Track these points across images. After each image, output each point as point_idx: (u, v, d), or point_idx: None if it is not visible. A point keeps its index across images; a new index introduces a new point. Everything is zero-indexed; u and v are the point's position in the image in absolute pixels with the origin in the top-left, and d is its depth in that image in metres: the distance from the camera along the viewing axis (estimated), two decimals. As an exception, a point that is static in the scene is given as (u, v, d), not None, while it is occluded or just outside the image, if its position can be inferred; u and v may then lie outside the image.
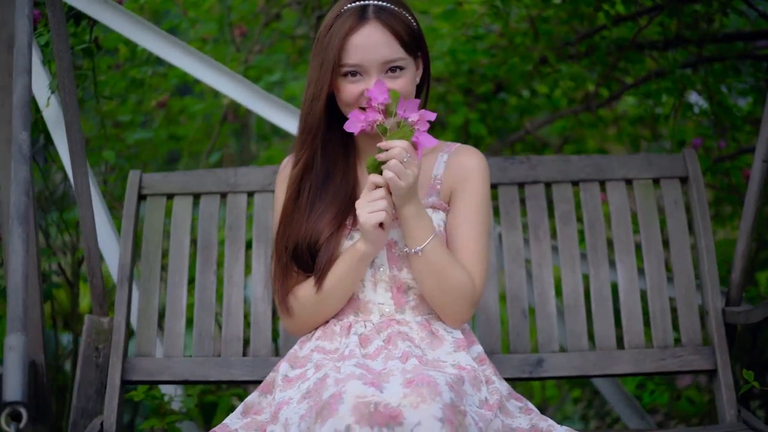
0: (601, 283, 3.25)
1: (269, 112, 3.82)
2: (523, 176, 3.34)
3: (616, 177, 3.33)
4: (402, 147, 2.57)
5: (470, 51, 4.56)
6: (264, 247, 3.31)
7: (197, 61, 3.84)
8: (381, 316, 2.78)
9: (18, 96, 2.48)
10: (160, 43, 3.84)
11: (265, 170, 3.39)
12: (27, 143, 2.42)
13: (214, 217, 3.35)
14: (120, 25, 3.82)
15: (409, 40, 2.72)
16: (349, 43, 2.69)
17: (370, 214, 2.63)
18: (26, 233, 2.32)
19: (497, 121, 5.29)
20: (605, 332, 3.21)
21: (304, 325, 2.84)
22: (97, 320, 3.24)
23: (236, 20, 5.66)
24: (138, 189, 3.38)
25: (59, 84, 3.17)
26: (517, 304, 3.24)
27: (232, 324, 3.27)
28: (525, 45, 4.68)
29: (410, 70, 2.75)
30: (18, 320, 2.23)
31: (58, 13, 3.10)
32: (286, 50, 5.71)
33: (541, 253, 3.28)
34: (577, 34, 4.53)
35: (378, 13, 2.70)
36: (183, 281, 3.30)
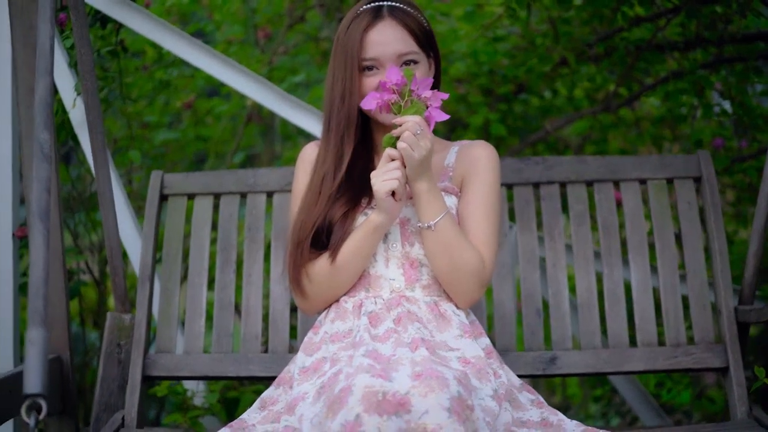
0: (614, 282, 3.28)
1: (292, 114, 3.88)
2: (538, 177, 3.38)
3: (630, 177, 3.36)
4: (415, 121, 2.69)
5: (491, 52, 4.59)
6: (282, 248, 3.35)
7: (221, 63, 3.89)
8: (391, 291, 2.86)
9: (40, 96, 2.52)
10: (185, 46, 3.89)
11: (284, 171, 3.44)
12: (48, 143, 2.46)
13: (234, 217, 3.41)
14: (145, 28, 3.88)
15: (421, 36, 2.89)
16: (366, 39, 2.85)
17: (384, 182, 2.73)
18: (47, 230, 2.35)
19: (518, 122, 5.32)
20: (618, 330, 3.24)
21: (317, 301, 2.91)
22: (119, 317, 3.30)
23: (261, 22, 5.71)
24: (160, 189, 3.43)
25: (81, 86, 3.22)
26: (531, 302, 3.28)
27: (251, 322, 3.32)
28: (545, 46, 4.72)
29: (423, 65, 2.89)
30: (38, 315, 2.26)
31: (81, 17, 3.15)
32: (309, 52, 5.77)
33: (555, 253, 3.31)
34: (597, 35, 4.55)
35: (391, 11, 2.88)
36: (203, 280, 3.36)
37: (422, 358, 2.53)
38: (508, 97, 5.13)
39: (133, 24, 3.89)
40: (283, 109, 3.89)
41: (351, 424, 2.30)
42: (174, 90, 5.41)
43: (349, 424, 2.31)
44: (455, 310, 2.85)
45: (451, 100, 5.12)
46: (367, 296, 2.86)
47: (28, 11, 3.41)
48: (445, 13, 5.38)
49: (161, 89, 5.20)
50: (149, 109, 5.30)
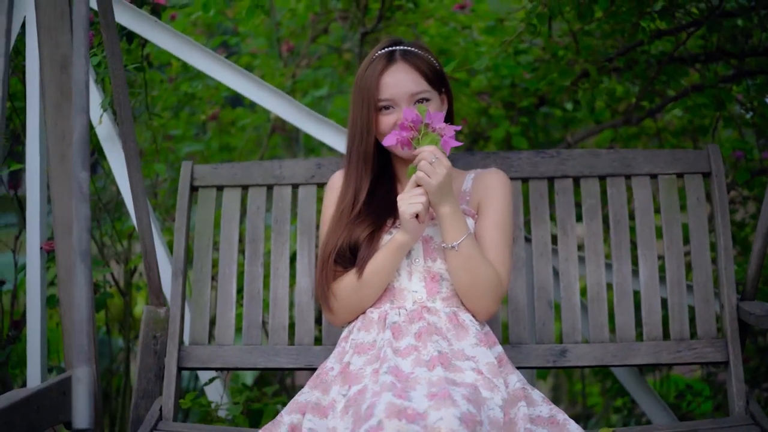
0: (623, 276, 3.53)
1: (314, 129, 4.13)
2: (553, 170, 3.63)
3: (641, 172, 3.59)
4: (429, 150, 3.11)
5: (513, 65, 4.83)
6: (307, 240, 3.64)
7: (244, 79, 4.13)
8: (414, 303, 3.24)
9: (78, 135, 2.69)
10: (209, 63, 4.13)
11: (309, 162, 3.73)
12: (86, 181, 2.65)
13: (261, 209, 3.68)
14: (170, 45, 4.12)
15: (432, 75, 3.31)
16: (381, 82, 3.28)
17: (410, 205, 3.14)
18: (89, 269, 2.53)
19: (539, 134, 5.59)
20: (626, 324, 3.50)
21: (344, 314, 3.31)
22: (155, 311, 3.58)
23: (284, 35, 5.98)
24: (190, 180, 3.70)
25: (114, 100, 3.38)
26: (543, 296, 3.54)
27: (278, 314, 3.61)
28: (567, 59, 4.93)
29: (435, 102, 3.30)
30: (84, 353, 2.46)
31: (112, 36, 3.34)
32: (332, 63, 6.05)
33: (567, 247, 3.58)
34: (618, 48, 4.73)
35: (404, 54, 3.31)
36: (233, 272, 3.64)
37: (438, 378, 2.89)
38: (529, 110, 5.38)
39: (158, 40, 4.12)
40: (305, 124, 4.12)
41: (374, 428, 2.65)
42: (199, 102, 5.66)
43: (372, 428, 2.65)
44: (472, 319, 3.23)
45: (473, 113, 5.38)
46: (392, 307, 3.24)
47: (56, 29, 3.65)
48: (467, 26, 5.65)
49: (186, 101, 5.46)
50: (174, 122, 5.53)
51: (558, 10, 4.11)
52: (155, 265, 3.61)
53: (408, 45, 3.35)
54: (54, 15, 3.71)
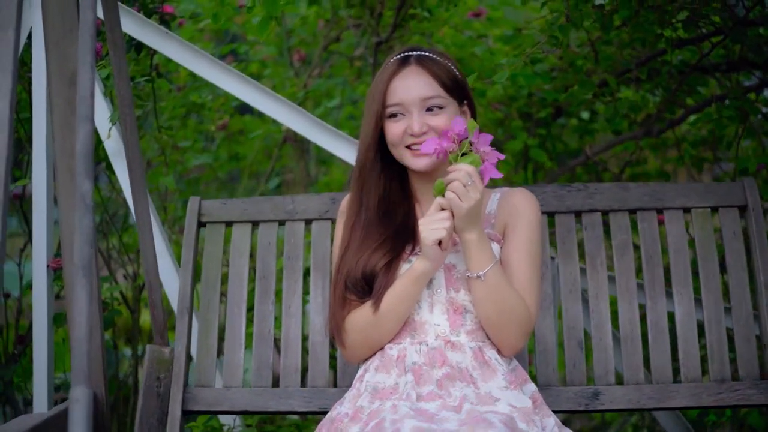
0: (658, 314, 3.28)
1: (326, 141, 3.90)
2: (580, 204, 3.38)
3: (674, 206, 3.36)
4: (467, 170, 2.75)
5: (530, 76, 4.59)
6: (322, 277, 3.38)
7: (254, 90, 3.92)
8: (436, 337, 2.90)
9: (81, 144, 2.50)
10: (218, 73, 3.93)
11: (323, 197, 3.47)
12: (90, 193, 2.45)
13: (272, 245, 3.43)
14: (179, 55, 3.93)
15: (449, 82, 2.97)
16: (391, 86, 2.96)
17: (432, 231, 2.78)
18: (90, 284, 2.34)
19: (557, 145, 5.33)
20: (662, 365, 3.24)
21: (360, 350, 2.97)
22: (159, 350, 3.33)
23: (296, 44, 5.75)
24: (197, 216, 3.47)
25: (121, 121, 3.24)
26: (573, 335, 3.28)
27: (291, 354, 3.34)
28: (585, 68, 4.71)
29: (450, 110, 2.96)
30: (82, 373, 2.26)
31: (120, 50, 3.18)
32: (344, 71, 5.81)
33: (598, 284, 3.31)
34: (638, 58, 4.55)
35: (418, 59, 2.98)
36: (242, 311, 3.39)
37: (468, 411, 2.63)
38: (546, 121, 5.14)
39: (168, 51, 3.94)
40: (317, 136, 3.91)
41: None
42: (208, 111, 5.43)
43: None
44: (498, 358, 2.89)
45: (490, 123, 5.15)
46: (412, 342, 2.91)
47: (64, 43, 3.41)
48: (482, 35, 5.43)
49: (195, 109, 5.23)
50: (182, 132, 5.34)
51: (581, 22, 3.85)
52: (159, 303, 3.38)
53: (426, 51, 3.02)
54: (63, 28, 3.44)
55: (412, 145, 2.94)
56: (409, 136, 2.93)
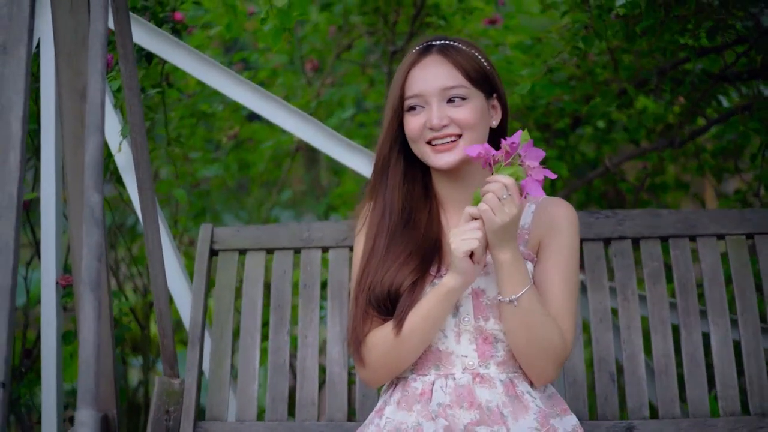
0: (694, 345, 3.11)
1: (339, 152, 3.72)
2: (610, 232, 3.21)
3: (707, 232, 3.19)
4: (504, 183, 2.49)
5: (548, 86, 4.42)
6: (339, 306, 3.22)
7: (267, 101, 3.76)
8: (464, 369, 2.66)
9: (90, 155, 2.40)
10: (230, 83, 3.77)
11: (340, 225, 3.31)
12: (99, 205, 2.34)
13: (288, 274, 3.28)
14: (190, 66, 3.77)
15: (473, 72, 2.69)
16: (409, 76, 2.70)
17: (463, 241, 2.53)
18: (98, 300, 2.24)
19: (575, 155, 5.15)
20: (699, 398, 3.08)
21: (380, 371, 2.71)
22: (168, 382, 3.16)
23: (308, 53, 5.59)
24: (210, 244, 3.31)
25: (131, 136, 3.11)
26: (605, 367, 3.11)
27: (307, 386, 3.18)
28: (604, 77, 4.55)
29: (474, 102, 2.68)
30: (89, 394, 2.15)
31: (130, 64, 3.04)
32: (356, 79, 5.66)
33: (629, 314, 3.15)
34: (658, 67, 4.37)
35: (441, 48, 2.71)
36: (256, 342, 3.23)
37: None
38: (565, 132, 4.96)
39: (179, 62, 3.77)
40: (329, 148, 3.73)
41: None
42: (218, 120, 5.34)
43: None
44: (531, 391, 2.66)
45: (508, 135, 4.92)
46: (438, 375, 2.67)
47: (75, 56, 3.29)
48: (499, 43, 5.27)
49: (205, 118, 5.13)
50: (192, 141, 5.20)
51: (605, 32, 3.71)
52: (170, 331, 3.20)
53: (450, 39, 2.74)
54: (74, 41, 3.32)
55: (432, 140, 2.68)
56: (428, 130, 2.66)
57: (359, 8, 5.24)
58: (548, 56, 4.47)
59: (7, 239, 2.51)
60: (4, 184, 2.55)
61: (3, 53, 2.64)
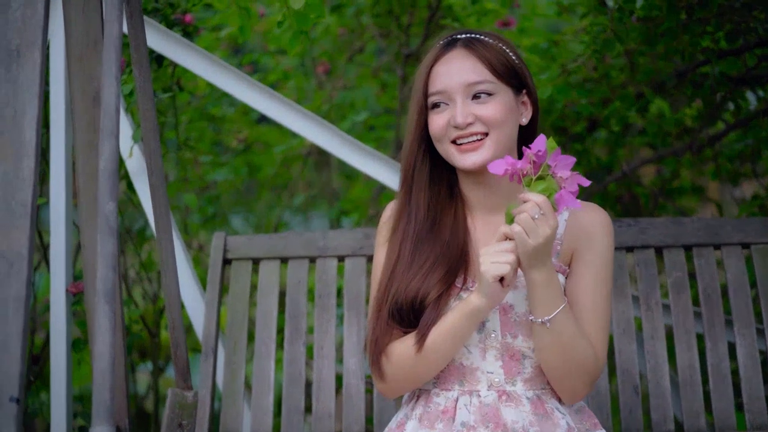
0: (719, 356, 3.06)
1: (356, 158, 3.65)
2: (632, 240, 3.16)
3: (732, 241, 3.14)
4: (537, 202, 2.35)
5: (565, 89, 4.36)
6: (356, 316, 3.17)
7: (281, 104, 3.70)
8: (489, 386, 2.56)
9: (105, 162, 2.35)
10: (244, 88, 3.72)
11: (355, 233, 3.26)
12: (114, 214, 2.30)
13: (303, 283, 3.22)
14: (201, 68, 3.72)
15: (500, 67, 2.55)
16: (433, 71, 2.57)
17: (493, 264, 2.39)
18: (113, 312, 2.20)
19: (591, 159, 5.07)
20: (725, 411, 3.03)
21: (399, 384, 2.61)
22: (181, 394, 3.08)
23: (320, 55, 5.55)
24: (223, 253, 3.26)
25: (144, 141, 3.03)
26: (628, 379, 3.06)
27: (323, 399, 3.12)
28: (620, 80, 4.47)
29: (501, 98, 2.54)
30: (105, 410, 2.12)
31: (144, 69, 2.96)
32: (367, 82, 5.62)
33: (653, 324, 3.09)
34: (676, 69, 4.31)
35: (467, 42, 2.57)
36: (271, 353, 3.17)
37: None
38: (582, 135, 4.89)
39: (190, 64, 3.73)
40: (345, 153, 3.66)
41: None
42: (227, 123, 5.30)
43: None
44: (560, 408, 2.56)
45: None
46: (462, 391, 2.57)
47: (89, 60, 3.21)
48: None
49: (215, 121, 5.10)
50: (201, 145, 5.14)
51: (626, 36, 3.70)
52: (183, 342, 3.11)
53: (476, 33, 2.59)
54: (86, 44, 3.23)
55: (457, 138, 2.55)
56: (453, 128, 2.54)
57: (371, 10, 5.19)
58: (564, 59, 4.45)
59: (20, 249, 2.46)
60: (17, 192, 2.50)
61: (17, 57, 2.58)
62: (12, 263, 2.44)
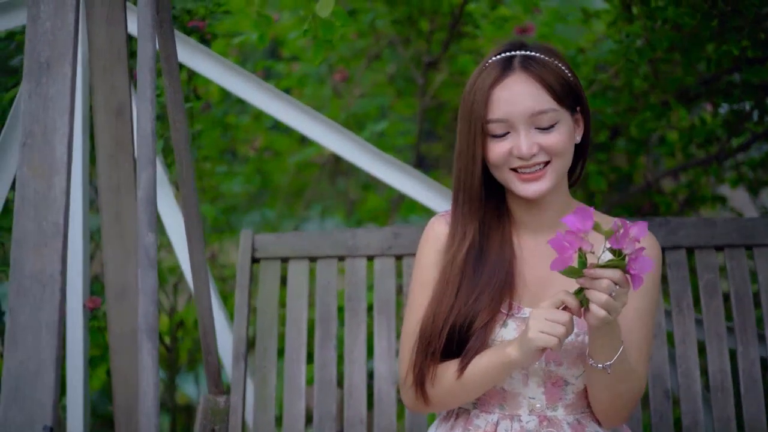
0: (750, 361, 3.14)
1: (372, 166, 3.72)
2: (662, 241, 3.19)
3: (765, 242, 3.21)
4: (613, 279, 2.32)
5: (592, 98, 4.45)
6: (386, 320, 3.22)
7: (297, 111, 3.76)
8: (530, 411, 2.64)
9: (143, 191, 2.33)
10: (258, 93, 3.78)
11: (385, 231, 3.30)
12: (154, 246, 2.28)
13: (332, 285, 3.27)
14: (220, 76, 3.79)
15: (561, 90, 2.55)
16: (492, 97, 2.55)
17: (541, 335, 2.39)
18: (156, 348, 2.20)
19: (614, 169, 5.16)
20: (756, 417, 3.10)
21: (441, 406, 2.70)
22: (213, 400, 3.19)
23: (336, 62, 5.63)
24: (251, 252, 3.31)
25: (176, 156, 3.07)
26: (659, 384, 3.13)
27: (354, 405, 3.19)
28: (643, 88, 4.58)
29: (564, 125, 2.56)
30: None
31: (174, 80, 3.00)
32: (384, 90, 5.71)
33: (684, 328, 3.16)
34: (702, 77, 4.44)
35: (524, 62, 2.56)
36: (301, 357, 3.22)
37: None
38: (606, 145, 4.99)
39: (211, 73, 3.80)
40: (362, 160, 3.73)
41: None
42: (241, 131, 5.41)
43: None
44: (599, 429, 2.65)
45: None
46: (503, 415, 2.65)
47: (111, 71, 3.27)
48: None
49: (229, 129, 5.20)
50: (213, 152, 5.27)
51: (661, 45, 3.76)
52: (214, 348, 3.24)
53: (533, 48, 2.58)
54: (110, 56, 3.28)
55: (519, 168, 2.57)
56: (515, 158, 2.55)
57: (388, 16, 5.29)
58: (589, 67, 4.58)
59: (52, 272, 2.42)
60: (49, 212, 2.47)
61: (46, 70, 2.55)
62: (45, 286, 2.40)
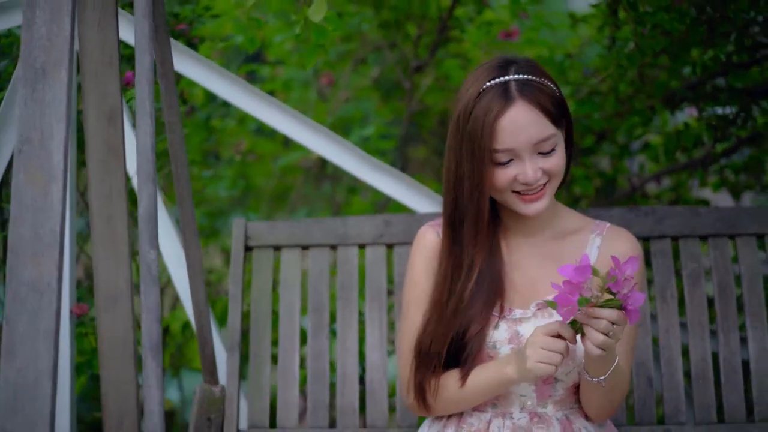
0: (732, 351, 3.24)
1: (359, 169, 3.79)
2: (649, 230, 3.31)
3: (747, 232, 3.30)
4: (611, 319, 2.49)
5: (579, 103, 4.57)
6: (378, 309, 3.33)
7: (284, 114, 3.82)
8: (522, 408, 2.83)
9: (144, 209, 2.40)
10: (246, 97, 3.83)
11: (376, 219, 3.39)
12: (156, 263, 2.35)
13: (325, 273, 3.36)
14: (202, 77, 3.82)
15: (556, 112, 2.73)
16: (497, 128, 2.69)
17: (540, 365, 2.60)
18: (161, 366, 2.25)
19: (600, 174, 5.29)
20: (735, 404, 3.21)
21: (442, 412, 2.92)
22: (209, 389, 3.29)
23: (323, 66, 5.71)
24: (244, 240, 3.40)
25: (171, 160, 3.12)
26: (642, 371, 3.24)
27: (347, 393, 3.31)
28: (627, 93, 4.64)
29: (561, 145, 2.76)
30: None
31: (170, 85, 3.05)
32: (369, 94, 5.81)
33: (668, 317, 3.27)
34: (687, 82, 4.53)
35: (522, 89, 2.70)
36: (295, 345, 3.33)
37: None
38: (592, 149, 5.12)
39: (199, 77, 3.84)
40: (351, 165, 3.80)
41: None
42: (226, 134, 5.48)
43: None
44: (588, 426, 2.85)
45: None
46: (495, 414, 2.84)
47: (103, 76, 3.21)
48: None
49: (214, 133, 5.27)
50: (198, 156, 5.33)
51: (652, 50, 3.86)
52: (210, 340, 3.32)
53: (522, 69, 2.72)
54: (102, 61, 3.24)
55: (522, 191, 2.77)
56: (519, 183, 2.74)
57: (374, 20, 5.38)
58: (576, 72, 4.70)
59: (49, 280, 2.46)
60: (46, 219, 2.50)
61: (42, 76, 2.60)
62: (42, 294, 2.44)
